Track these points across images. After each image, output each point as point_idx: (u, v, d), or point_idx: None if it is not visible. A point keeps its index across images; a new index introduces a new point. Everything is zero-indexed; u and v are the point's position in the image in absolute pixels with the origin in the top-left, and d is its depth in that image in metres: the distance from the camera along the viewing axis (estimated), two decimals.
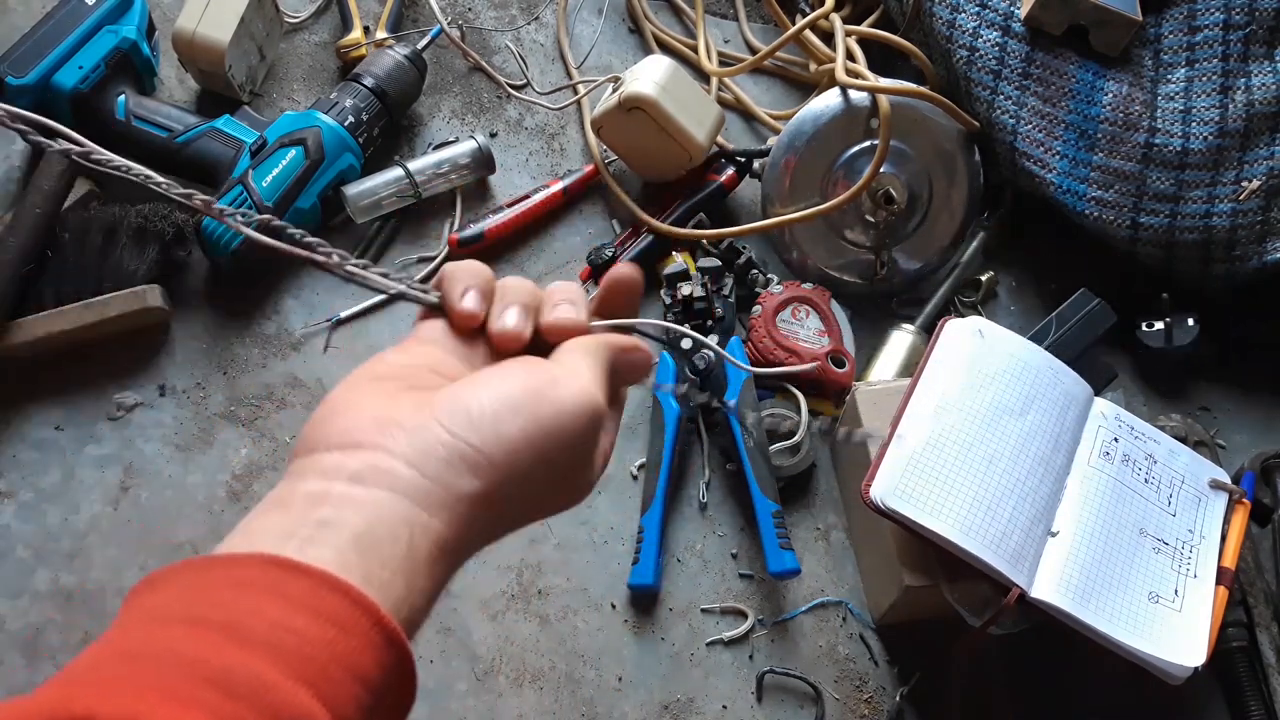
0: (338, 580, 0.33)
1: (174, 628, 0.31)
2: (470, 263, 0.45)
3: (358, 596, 0.33)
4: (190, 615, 0.32)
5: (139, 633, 0.32)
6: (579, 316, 0.44)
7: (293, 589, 0.33)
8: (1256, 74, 0.88)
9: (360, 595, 0.33)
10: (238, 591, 0.32)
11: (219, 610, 0.32)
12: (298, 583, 0.33)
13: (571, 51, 1.04)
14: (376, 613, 0.33)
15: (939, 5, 0.93)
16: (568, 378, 0.41)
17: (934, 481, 0.71)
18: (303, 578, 0.33)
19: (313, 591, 0.33)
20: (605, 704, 0.77)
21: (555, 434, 0.40)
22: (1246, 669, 0.79)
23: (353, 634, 0.33)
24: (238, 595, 0.32)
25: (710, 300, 0.88)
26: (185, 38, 0.91)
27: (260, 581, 0.33)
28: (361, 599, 0.33)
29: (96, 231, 0.83)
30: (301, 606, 0.32)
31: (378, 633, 0.33)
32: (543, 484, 0.41)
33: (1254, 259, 0.88)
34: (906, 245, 0.93)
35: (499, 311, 0.43)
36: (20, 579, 0.77)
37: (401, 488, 0.37)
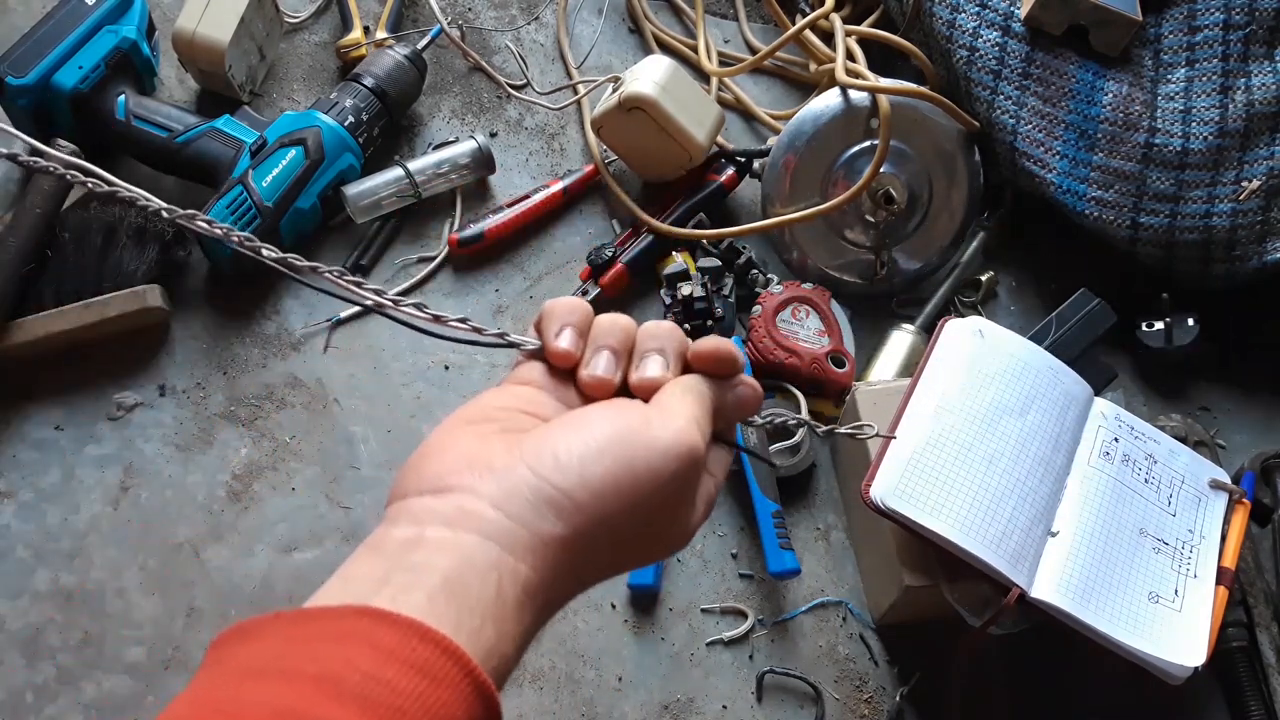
0: (428, 630, 0.33)
1: (267, 681, 0.31)
2: (569, 300, 0.44)
3: (448, 646, 0.33)
4: (283, 668, 0.32)
5: (231, 686, 0.32)
6: (666, 373, 0.43)
7: (384, 639, 0.32)
8: (1256, 74, 0.88)
9: (451, 645, 0.33)
10: (330, 644, 0.32)
11: (312, 663, 0.32)
12: (389, 633, 0.33)
13: (571, 51, 1.04)
14: (468, 663, 0.33)
15: (939, 5, 0.93)
16: (662, 419, 0.40)
17: (934, 481, 0.71)
18: (394, 628, 0.33)
19: (404, 642, 0.33)
20: (605, 704, 0.77)
21: (646, 478, 0.39)
22: (1246, 669, 0.79)
23: (443, 685, 0.32)
24: (330, 647, 0.32)
25: (710, 300, 0.88)
26: (185, 38, 0.91)
27: (352, 633, 0.33)
28: (452, 649, 0.33)
29: (96, 231, 0.83)
30: (392, 657, 0.32)
31: (468, 684, 0.33)
32: (633, 528, 0.40)
33: (1254, 259, 0.88)
34: (906, 245, 0.93)
35: (590, 355, 0.43)
36: (20, 579, 0.77)
37: (488, 531, 0.36)
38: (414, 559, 0.35)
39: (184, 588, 0.78)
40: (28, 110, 0.86)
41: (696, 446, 0.40)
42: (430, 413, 0.86)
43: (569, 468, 0.38)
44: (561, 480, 0.38)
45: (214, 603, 0.78)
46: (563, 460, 0.38)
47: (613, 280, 0.90)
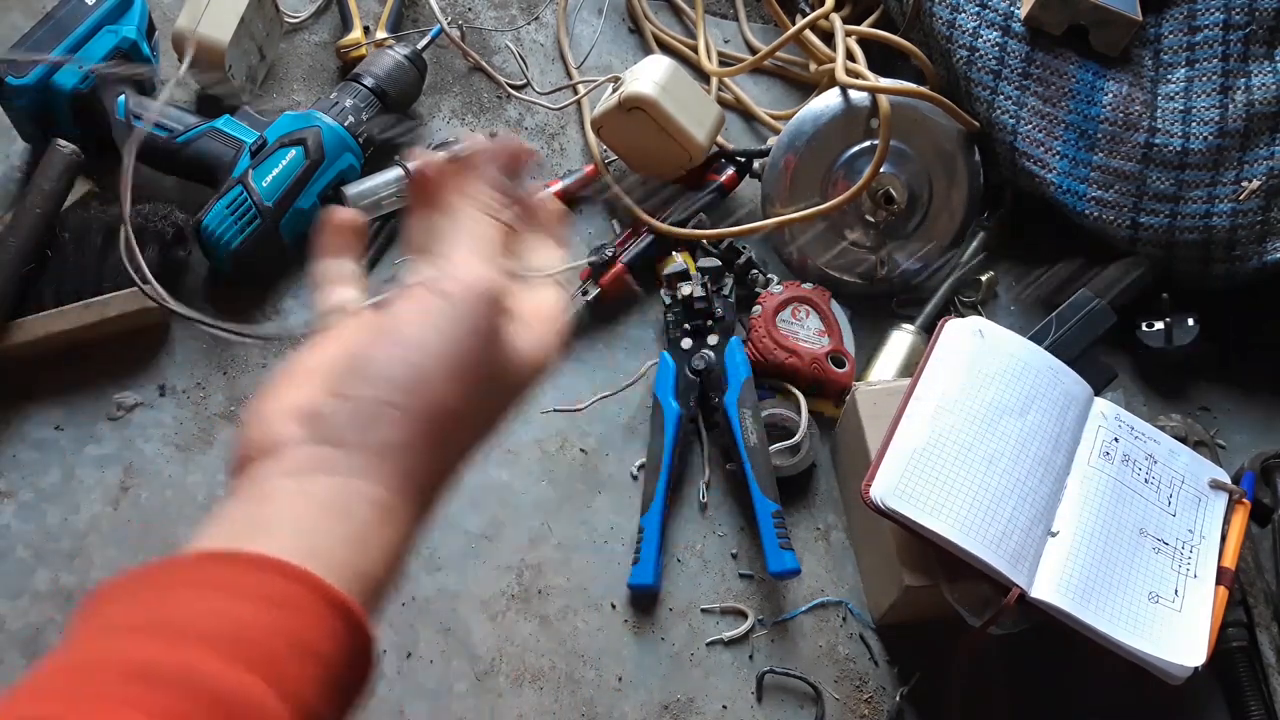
0: (270, 559, 0.33)
1: (112, 636, 0.32)
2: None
3: (294, 572, 0.33)
4: (128, 622, 0.32)
5: (84, 642, 0.32)
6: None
7: (228, 577, 0.33)
8: (1256, 74, 0.88)
9: (297, 570, 0.33)
10: (174, 590, 0.33)
11: (153, 611, 0.32)
12: (231, 570, 0.33)
13: (571, 51, 1.04)
14: (318, 584, 0.34)
15: (939, 5, 0.93)
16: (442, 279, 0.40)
17: (934, 481, 0.71)
18: (244, 566, 0.34)
19: (247, 575, 0.33)
20: (605, 704, 0.77)
21: (448, 353, 0.39)
22: (1246, 669, 0.79)
23: (295, 609, 0.33)
24: (173, 594, 0.33)
25: (710, 300, 0.88)
26: (185, 38, 0.91)
27: (196, 578, 0.33)
28: (299, 573, 0.33)
29: (96, 231, 0.83)
30: (237, 593, 0.33)
31: (323, 603, 0.34)
32: (471, 404, 0.40)
33: (1254, 259, 0.88)
34: (906, 245, 0.93)
35: None
36: (20, 579, 0.77)
37: (328, 467, 0.37)
38: (261, 512, 0.36)
39: None
40: (28, 110, 0.86)
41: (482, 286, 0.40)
42: None
43: (376, 379, 0.38)
44: (374, 391, 0.38)
45: None
46: (369, 374, 0.39)
47: (613, 280, 0.90)
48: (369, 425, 0.38)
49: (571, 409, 0.87)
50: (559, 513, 0.83)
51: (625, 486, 0.85)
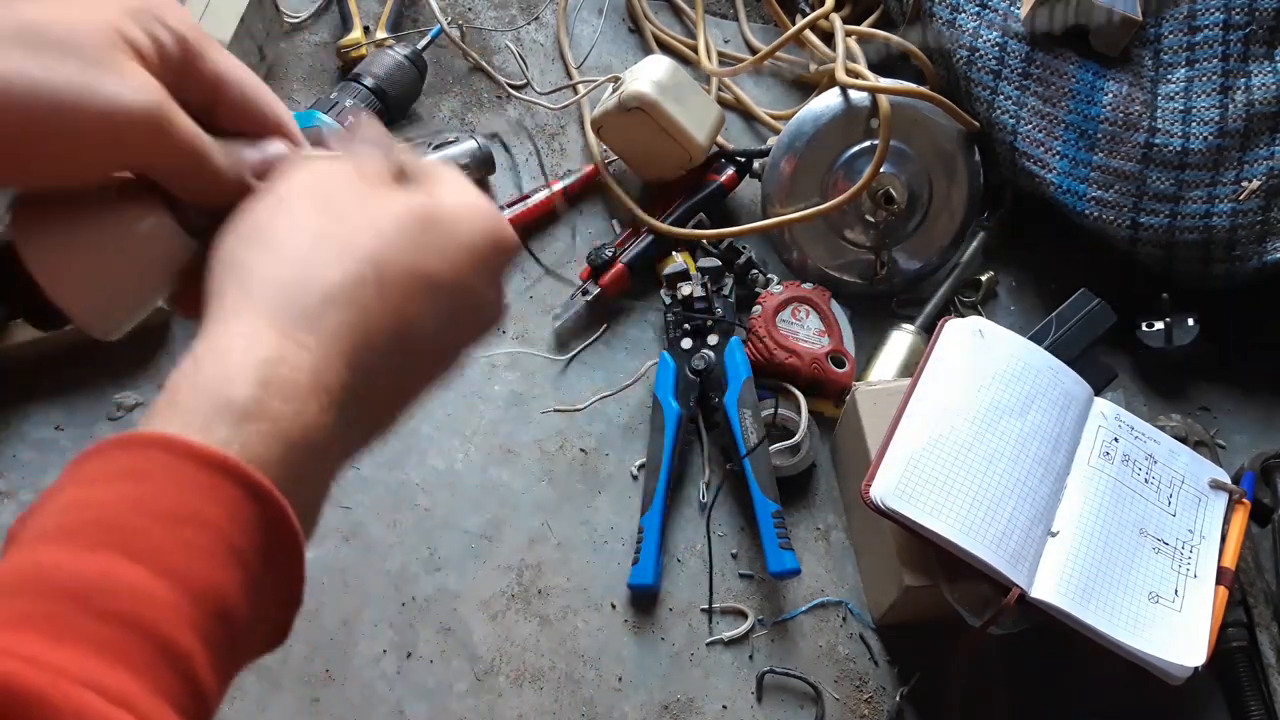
0: (133, 435, 0.31)
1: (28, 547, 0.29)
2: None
3: (154, 438, 0.30)
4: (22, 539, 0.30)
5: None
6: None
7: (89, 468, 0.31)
8: (1256, 74, 0.88)
9: (157, 436, 0.30)
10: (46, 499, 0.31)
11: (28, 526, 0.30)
12: (93, 461, 0.31)
13: (571, 51, 1.04)
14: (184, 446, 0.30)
15: (939, 5, 0.93)
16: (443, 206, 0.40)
17: (934, 481, 0.71)
18: (97, 453, 0.31)
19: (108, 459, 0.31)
20: (605, 704, 0.77)
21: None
22: (1246, 669, 0.79)
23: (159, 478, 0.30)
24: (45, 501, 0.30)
25: (710, 300, 0.88)
26: None
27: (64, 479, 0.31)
28: (159, 439, 0.30)
29: None
30: (96, 478, 0.30)
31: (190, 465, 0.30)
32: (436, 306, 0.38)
33: (1254, 259, 0.88)
34: (906, 245, 0.93)
35: None
36: None
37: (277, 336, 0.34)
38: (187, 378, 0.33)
39: None
40: None
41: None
42: (429, 411, 0.86)
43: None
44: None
45: None
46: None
47: (613, 280, 0.90)
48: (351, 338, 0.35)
49: (571, 409, 0.87)
50: (559, 513, 0.83)
51: (625, 486, 0.85)
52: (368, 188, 0.39)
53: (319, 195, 0.38)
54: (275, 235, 0.36)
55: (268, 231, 0.37)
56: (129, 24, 0.36)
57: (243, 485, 0.31)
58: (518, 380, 0.88)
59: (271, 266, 0.35)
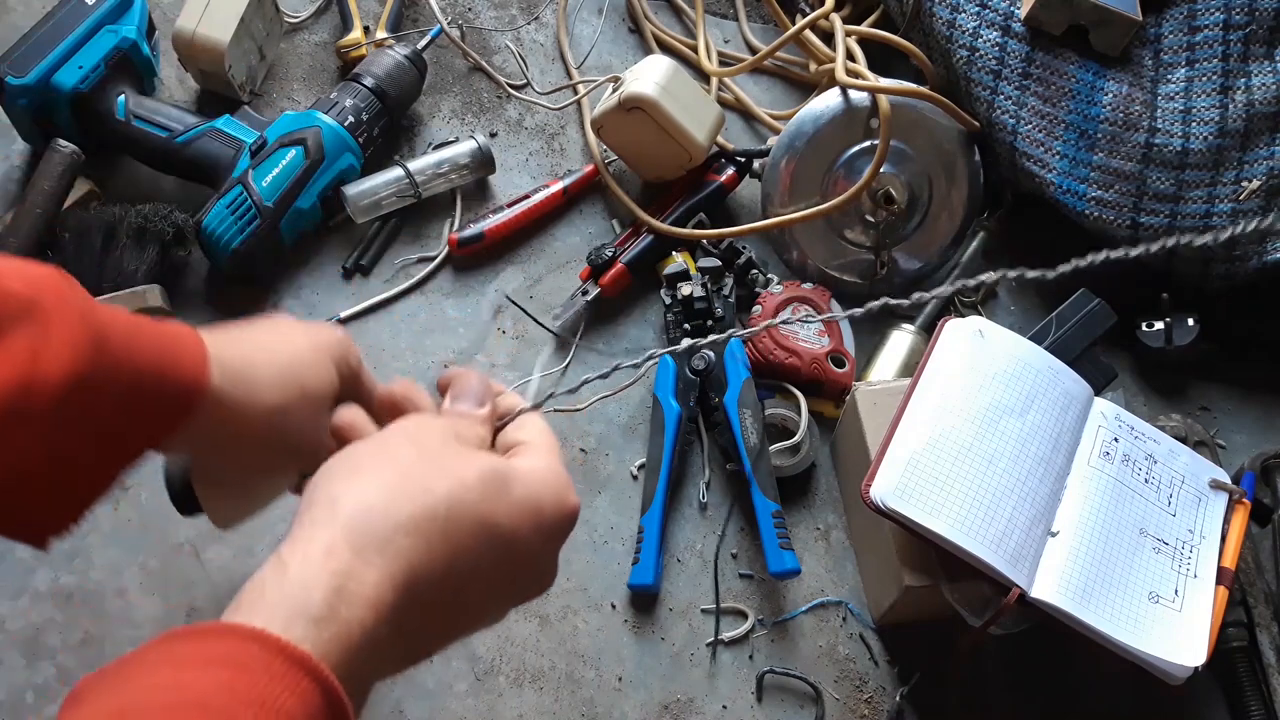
0: (229, 625, 0.34)
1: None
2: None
3: (250, 632, 0.34)
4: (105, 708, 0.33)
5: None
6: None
7: (189, 650, 0.34)
8: (1256, 74, 0.88)
9: (252, 630, 0.34)
10: (137, 675, 0.34)
11: (117, 698, 0.33)
12: (192, 643, 0.34)
13: (571, 51, 1.04)
14: (275, 642, 0.34)
15: (939, 5, 0.93)
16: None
17: (934, 481, 0.71)
18: (195, 637, 0.35)
19: (207, 645, 0.34)
20: (605, 704, 0.77)
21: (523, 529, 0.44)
22: (1246, 669, 0.79)
23: (253, 669, 0.33)
24: (136, 678, 0.34)
25: (710, 300, 0.88)
26: (185, 38, 0.91)
27: (159, 657, 0.34)
28: (255, 633, 0.34)
29: (96, 231, 0.83)
30: (194, 663, 0.33)
31: (281, 660, 0.34)
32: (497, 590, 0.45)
33: (1254, 259, 0.88)
34: (906, 245, 0.93)
35: None
36: (20, 579, 0.77)
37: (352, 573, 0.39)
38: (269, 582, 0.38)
39: (184, 588, 0.78)
40: (28, 110, 0.86)
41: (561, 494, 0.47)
42: None
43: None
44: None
45: (214, 603, 0.77)
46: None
47: (613, 280, 0.90)
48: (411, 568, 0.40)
49: (571, 409, 0.87)
50: None
51: (625, 486, 0.85)
52: (459, 442, 0.45)
53: (414, 440, 0.44)
54: (367, 467, 0.43)
55: (363, 462, 0.43)
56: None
57: (316, 680, 0.35)
58: (517, 380, 0.88)
59: (359, 493, 0.41)
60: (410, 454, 0.43)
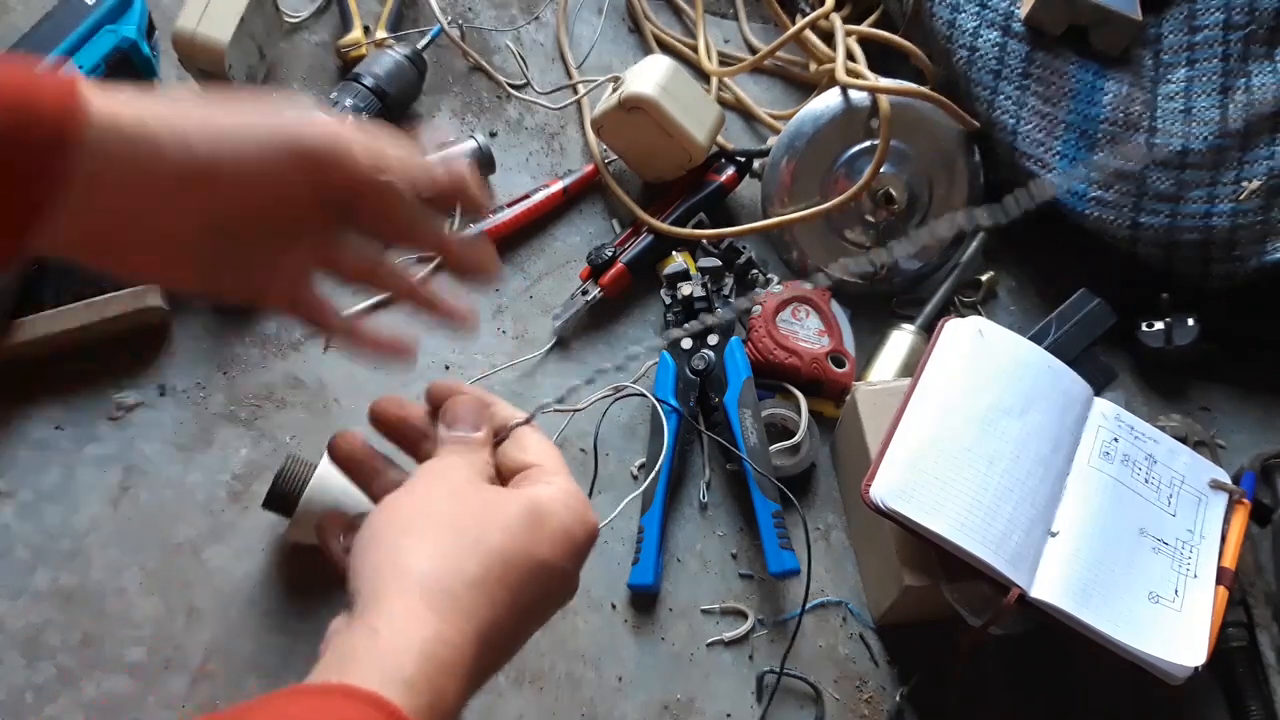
0: (348, 687, 0.36)
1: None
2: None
3: (368, 696, 0.36)
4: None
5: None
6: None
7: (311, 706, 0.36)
8: (1256, 74, 0.88)
9: (370, 694, 0.36)
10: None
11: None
12: (314, 699, 0.36)
13: (571, 51, 1.04)
14: (392, 710, 0.36)
15: (939, 5, 0.93)
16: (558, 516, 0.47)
17: (934, 481, 0.71)
18: (317, 694, 0.36)
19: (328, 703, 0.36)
20: (605, 704, 0.77)
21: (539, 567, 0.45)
22: (1246, 669, 0.79)
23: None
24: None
25: (710, 300, 0.88)
26: (185, 38, 0.91)
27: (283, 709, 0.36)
28: (372, 697, 0.36)
29: None
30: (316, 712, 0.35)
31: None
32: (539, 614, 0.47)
33: (1254, 259, 0.88)
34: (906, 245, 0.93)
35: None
36: (20, 579, 0.77)
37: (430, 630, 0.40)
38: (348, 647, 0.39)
39: (184, 588, 0.78)
40: None
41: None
42: None
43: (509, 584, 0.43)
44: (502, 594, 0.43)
45: (214, 603, 0.78)
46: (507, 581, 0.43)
47: (613, 280, 0.90)
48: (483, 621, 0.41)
49: (571, 409, 0.87)
50: None
51: (625, 486, 0.85)
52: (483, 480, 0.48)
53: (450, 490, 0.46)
54: (419, 526, 0.44)
55: (413, 522, 0.44)
56: None
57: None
58: (517, 380, 0.88)
59: (423, 556, 0.42)
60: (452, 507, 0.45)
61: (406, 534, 0.43)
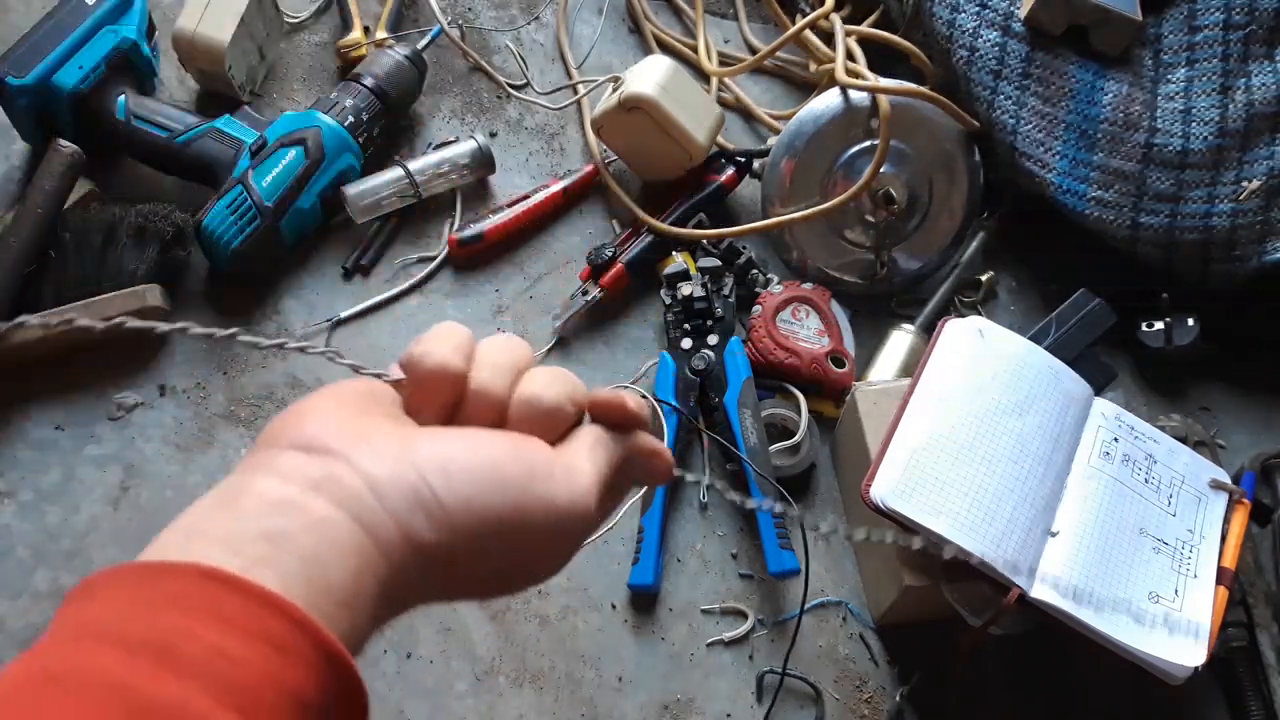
0: (280, 600, 0.31)
1: (105, 649, 0.29)
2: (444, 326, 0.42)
3: (301, 618, 0.31)
4: (124, 633, 0.30)
5: (69, 650, 0.30)
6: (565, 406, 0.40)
7: (231, 609, 0.30)
8: (1256, 74, 0.88)
9: (304, 617, 0.31)
10: (175, 611, 0.30)
11: (153, 631, 0.30)
12: (236, 601, 0.31)
13: (571, 51, 1.04)
14: (319, 634, 0.31)
15: (939, 5, 0.93)
16: (567, 476, 0.38)
17: (934, 481, 0.71)
18: (241, 596, 0.31)
19: (253, 613, 0.31)
20: (605, 704, 0.77)
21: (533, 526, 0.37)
22: (1246, 669, 0.79)
23: (292, 657, 0.31)
24: (174, 616, 0.30)
25: (710, 300, 0.88)
26: (185, 38, 0.91)
27: (198, 599, 0.31)
28: (305, 621, 0.31)
29: (97, 231, 0.83)
30: (239, 628, 0.30)
31: (320, 656, 0.31)
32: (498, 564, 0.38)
33: (1254, 259, 0.88)
34: (906, 245, 0.93)
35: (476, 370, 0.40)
36: (20, 579, 0.77)
37: (358, 512, 0.35)
38: (272, 525, 0.33)
39: None
40: (28, 110, 0.86)
41: (590, 512, 0.39)
42: None
43: (458, 485, 0.36)
44: (446, 493, 0.36)
45: None
46: (453, 474, 0.36)
47: (613, 280, 0.90)
48: (419, 514, 0.35)
49: None
50: None
51: None
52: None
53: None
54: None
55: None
56: None
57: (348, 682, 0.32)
58: None
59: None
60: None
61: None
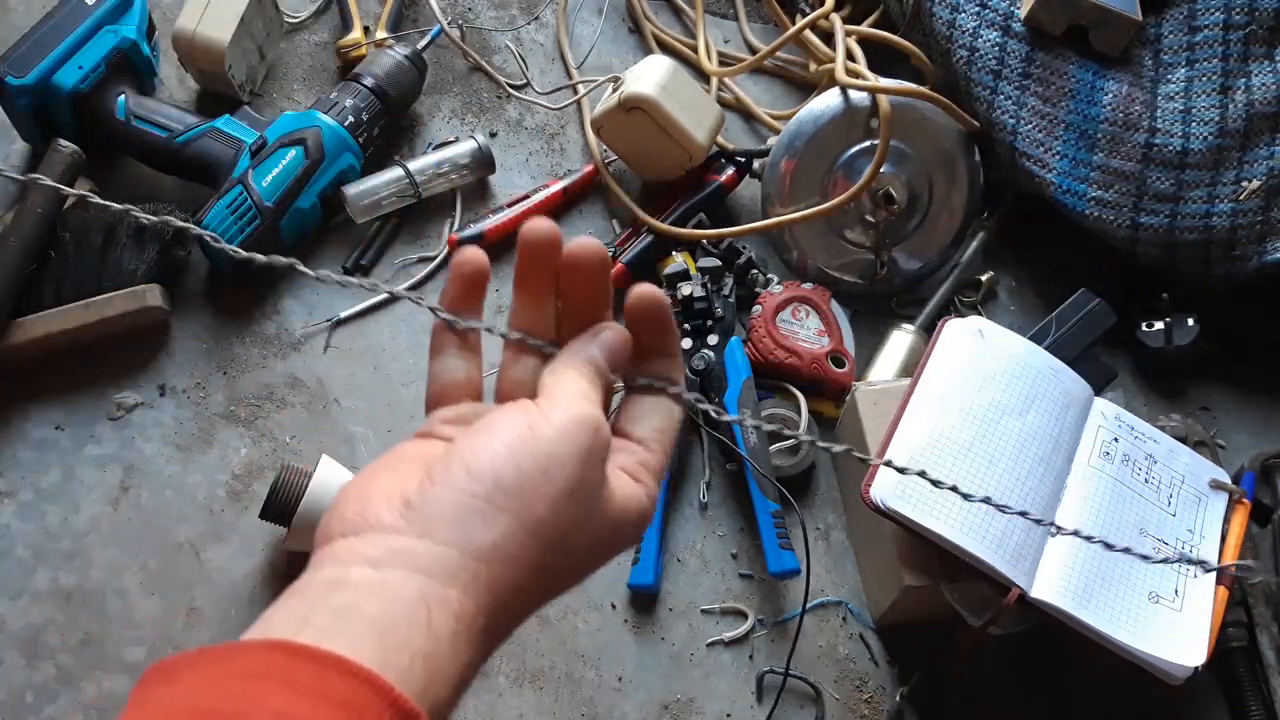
0: (346, 662, 0.32)
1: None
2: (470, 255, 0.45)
3: (368, 676, 0.32)
4: (197, 708, 0.31)
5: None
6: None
7: (300, 675, 0.32)
8: (1256, 74, 0.88)
9: (370, 675, 0.32)
10: (245, 681, 0.31)
11: (226, 701, 0.31)
12: (304, 668, 0.32)
13: (571, 51, 1.04)
14: (390, 692, 0.32)
15: (939, 5, 0.93)
16: (550, 406, 0.40)
17: None
18: (309, 662, 0.32)
19: (320, 675, 0.32)
20: (605, 704, 0.77)
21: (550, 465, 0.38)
22: (1246, 669, 0.79)
23: (360, 714, 0.31)
24: (244, 685, 0.31)
25: (710, 300, 0.88)
26: (185, 38, 0.91)
27: (268, 669, 0.32)
28: (372, 678, 0.32)
29: (97, 231, 0.83)
30: (308, 692, 0.31)
31: (392, 711, 0.32)
32: (564, 523, 0.38)
33: (1254, 259, 0.88)
34: (906, 245, 0.93)
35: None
36: (20, 579, 0.77)
37: (415, 563, 0.36)
38: (337, 601, 0.34)
39: (184, 588, 0.78)
40: (28, 110, 0.86)
41: (586, 417, 0.39)
42: None
43: (482, 474, 0.37)
44: (478, 487, 0.37)
45: (214, 603, 0.78)
46: (474, 468, 0.37)
47: (613, 280, 0.90)
48: (467, 521, 0.37)
49: None
50: None
51: None
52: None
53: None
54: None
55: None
56: None
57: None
58: None
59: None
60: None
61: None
